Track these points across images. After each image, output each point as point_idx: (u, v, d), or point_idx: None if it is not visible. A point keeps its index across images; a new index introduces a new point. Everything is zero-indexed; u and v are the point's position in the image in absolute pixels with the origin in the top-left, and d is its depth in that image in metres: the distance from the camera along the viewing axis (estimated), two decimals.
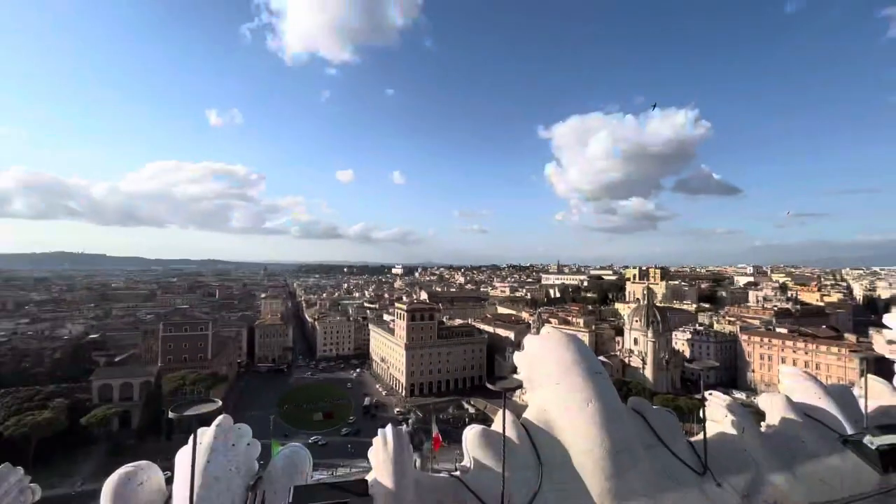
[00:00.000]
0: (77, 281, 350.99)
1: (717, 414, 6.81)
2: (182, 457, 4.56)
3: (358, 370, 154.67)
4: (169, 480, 4.74)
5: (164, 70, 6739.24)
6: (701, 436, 6.03)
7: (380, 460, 4.95)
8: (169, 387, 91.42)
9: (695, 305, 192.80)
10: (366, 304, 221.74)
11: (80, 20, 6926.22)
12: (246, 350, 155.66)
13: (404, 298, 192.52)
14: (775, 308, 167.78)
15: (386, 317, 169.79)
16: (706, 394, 6.97)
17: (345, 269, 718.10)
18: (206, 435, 4.77)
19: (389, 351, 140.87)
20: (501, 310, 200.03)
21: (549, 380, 5.87)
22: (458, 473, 5.32)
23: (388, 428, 5.41)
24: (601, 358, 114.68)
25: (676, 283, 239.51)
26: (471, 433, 5.45)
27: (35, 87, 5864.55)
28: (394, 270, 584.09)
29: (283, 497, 4.34)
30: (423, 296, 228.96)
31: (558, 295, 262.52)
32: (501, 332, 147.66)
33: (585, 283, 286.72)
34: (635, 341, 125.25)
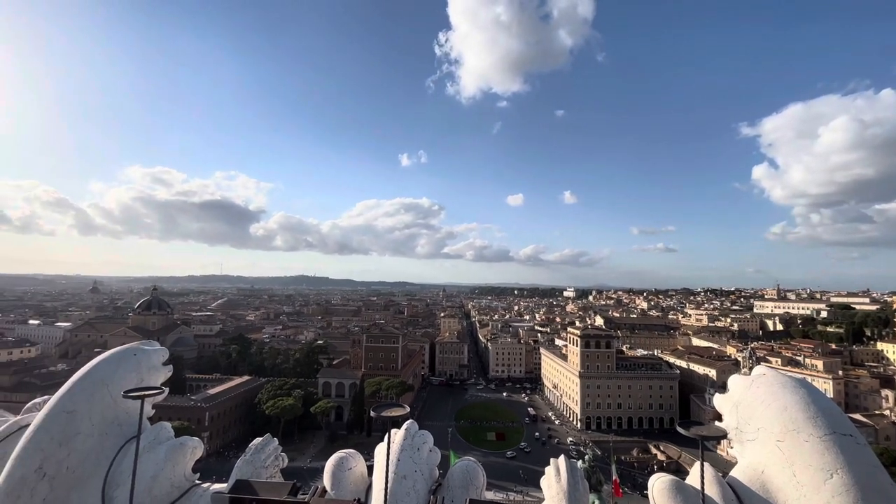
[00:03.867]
0: (310, 298, 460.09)
1: None
2: (379, 452, 5.33)
3: (529, 393, 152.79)
4: (369, 470, 5.60)
5: (371, 126, 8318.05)
6: None
7: (553, 492, 4.77)
8: (369, 390, 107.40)
9: None
10: (536, 327, 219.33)
11: (320, 103, 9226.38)
12: (428, 363, 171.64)
13: (577, 323, 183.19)
14: None
15: (558, 341, 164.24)
16: None
17: (515, 292, 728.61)
18: (397, 436, 5.48)
19: (562, 377, 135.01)
20: (697, 342, 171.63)
21: (768, 434, 4.60)
22: None
23: (562, 459, 5.17)
24: (854, 416, 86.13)
25: None
26: (659, 483, 4.66)
27: (289, 153, 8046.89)
28: (565, 293, 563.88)
29: None
30: (599, 321, 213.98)
31: (780, 327, 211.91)
32: (697, 368, 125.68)
33: (823, 314, 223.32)
34: None
